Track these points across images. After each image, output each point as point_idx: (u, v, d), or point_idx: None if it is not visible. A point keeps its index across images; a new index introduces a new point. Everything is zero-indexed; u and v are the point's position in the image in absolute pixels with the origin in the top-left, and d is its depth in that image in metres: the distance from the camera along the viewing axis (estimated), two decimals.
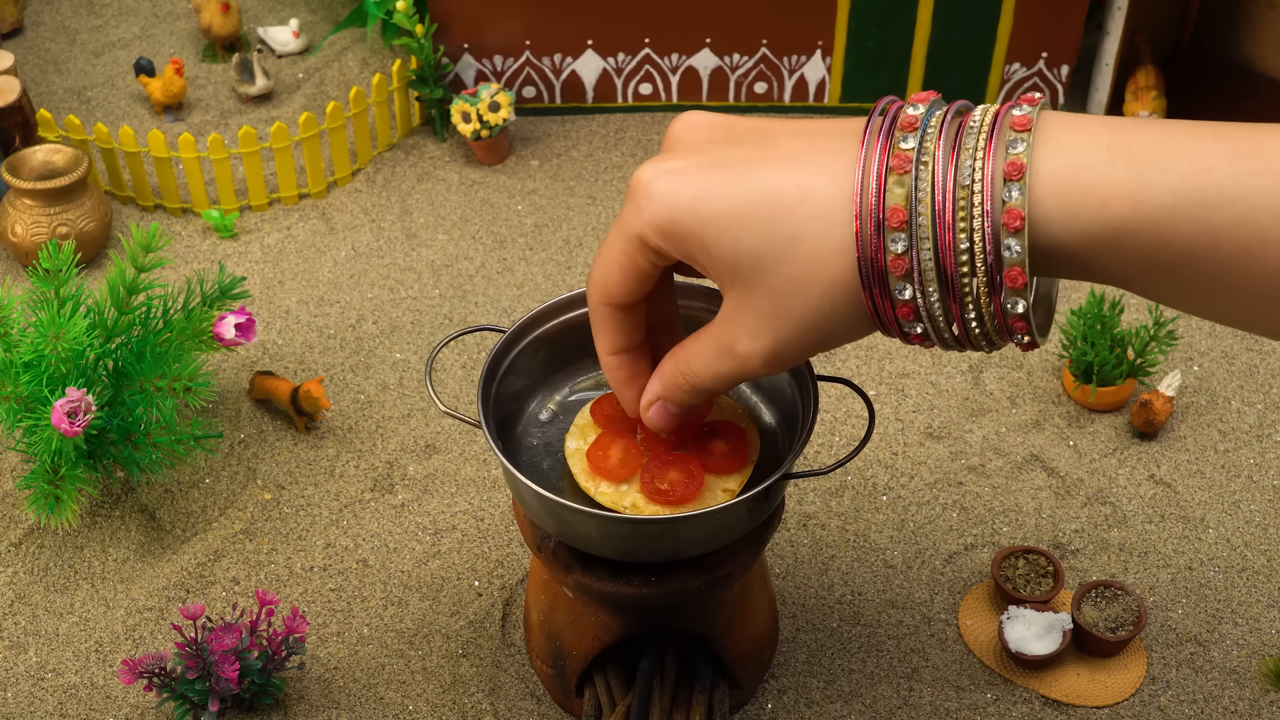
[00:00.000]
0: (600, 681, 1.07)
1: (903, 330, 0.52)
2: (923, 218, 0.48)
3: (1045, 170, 0.47)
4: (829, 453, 1.37)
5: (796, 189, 0.50)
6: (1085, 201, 0.46)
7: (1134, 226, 0.46)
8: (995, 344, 0.52)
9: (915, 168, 0.48)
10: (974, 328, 0.50)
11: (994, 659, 1.16)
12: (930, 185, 0.48)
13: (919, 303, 0.50)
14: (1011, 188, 0.47)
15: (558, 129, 1.89)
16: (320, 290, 1.60)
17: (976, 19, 1.78)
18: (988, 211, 0.47)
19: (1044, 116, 0.48)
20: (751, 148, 0.53)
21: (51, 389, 1.16)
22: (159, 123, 1.90)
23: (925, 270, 0.49)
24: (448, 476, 1.34)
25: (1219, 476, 1.33)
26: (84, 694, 1.14)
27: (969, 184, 0.47)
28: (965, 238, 0.48)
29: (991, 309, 0.49)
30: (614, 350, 0.63)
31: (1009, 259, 0.47)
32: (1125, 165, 0.46)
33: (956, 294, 0.49)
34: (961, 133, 0.49)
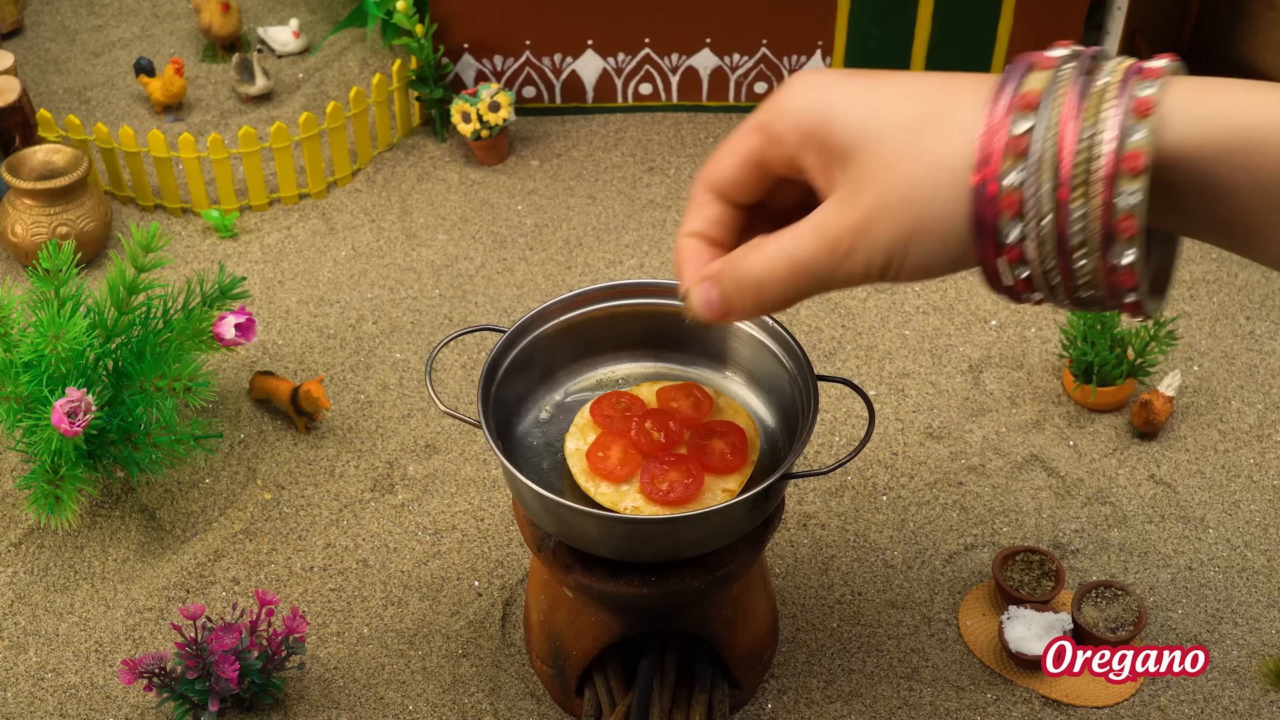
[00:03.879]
0: (600, 681, 1.07)
1: (1011, 272, 0.49)
2: (1047, 151, 0.47)
3: (1179, 90, 0.46)
4: (829, 453, 1.37)
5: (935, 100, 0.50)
6: (1224, 104, 0.46)
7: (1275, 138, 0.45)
8: (1100, 299, 0.49)
9: (1045, 100, 0.47)
10: (1083, 274, 0.48)
11: (994, 659, 1.16)
12: (1057, 121, 0.47)
13: (1029, 244, 0.48)
14: (1138, 128, 0.46)
15: (558, 129, 1.89)
16: (320, 290, 1.60)
17: (976, 19, 1.78)
18: (1111, 149, 0.46)
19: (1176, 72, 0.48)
20: (893, 74, 0.53)
21: (51, 389, 1.16)
22: (159, 123, 1.90)
23: (1041, 202, 0.47)
24: (448, 476, 1.34)
25: (1219, 476, 1.33)
26: (84, 694, 1.14)
27: (1094, 124, 0.46)
28: (1081, 174, 0.46)
29: (1101, 257, 0.47)
30: (691, 232, 0.59)
31: (1123, 206, 0.46)
32: (1262, 90, 0.46)
33: (1066, 240, 0.47)
34: (1096, 75, 0.48)
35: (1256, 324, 1.52)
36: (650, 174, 1.80)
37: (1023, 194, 0.47)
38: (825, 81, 0.53)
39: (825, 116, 0.52)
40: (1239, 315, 1.53)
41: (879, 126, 0.51)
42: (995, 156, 0.48)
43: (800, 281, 0.54)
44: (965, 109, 0.49)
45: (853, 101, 0.52)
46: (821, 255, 0.52)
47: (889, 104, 0.51)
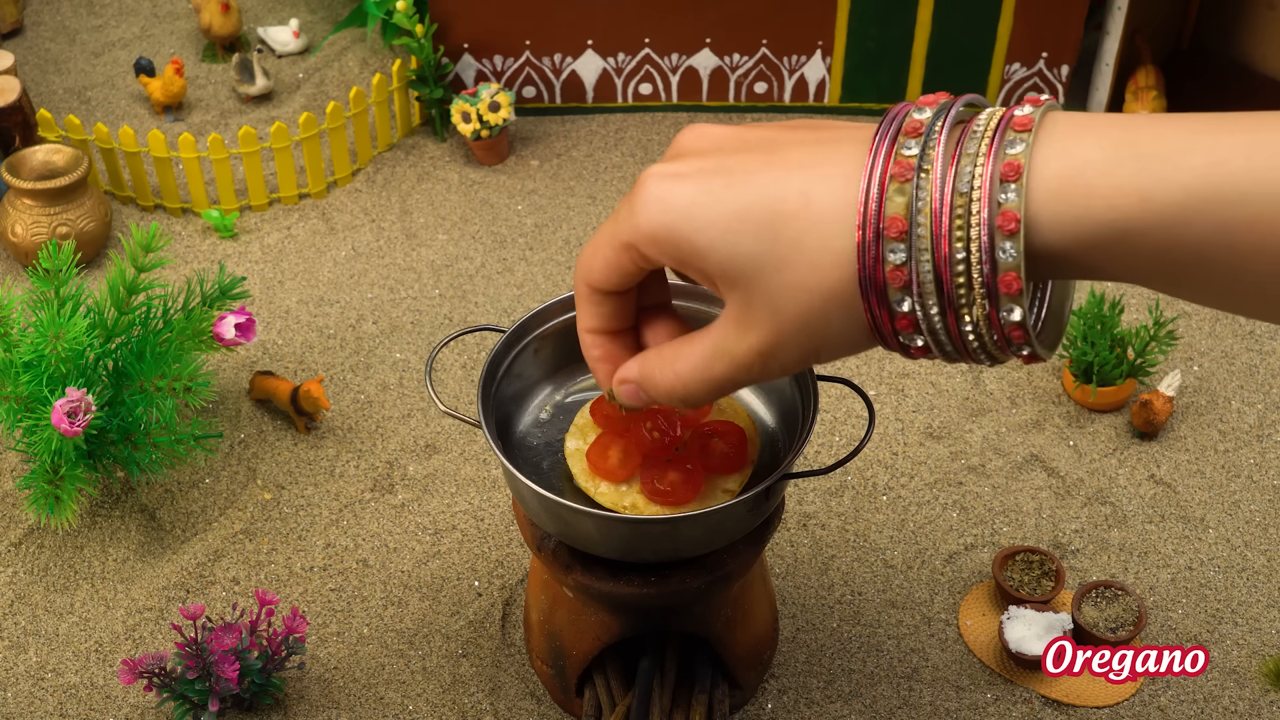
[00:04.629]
0: (600, 681, 1.07)
1: (902, 343, 0.50)
2: (921, 228, 0.47)
3: (1048, 171, 0.45)
4: (829, 453, 1.37)
5: (798, 194, 0.49)
6: (1090, 202, 0.44)
7: (1144, 226, 0.44)
8: (996, 357, 0.50)
9: (916, 175, 0.47)
10: (971, 340, 0.49)
11: (994, 659, 1.16)
12: (929, 192, 0.47)
13: (918, 315, 0.49)
14: (1008, 189, 0.45)
15: (558, 129, 1.89)
16: (320, 290, 1.60)
17: (976, 19, 1.78)
18: (984, 219, 0.46)
19: (1049, 117, 0.47)
20: (757, 155, 0.52)
21: (51, 389, 1.16)
22: (159, 123, 1.90)
23: (924, 282, 0.48)
24: (448, 476, 1.34)
25: (1219, 476, 1.33)
26: (84, 694, 1.14)
27: (967, 190, 0.46)
28: (962, 245, 0.46)
29: (989, 319, 0.47)
30: (591, 329, 0.62)
31: (1004, 263, 0.46)
32: (1134, 162, 0.44)
33: (954, 304, 0.48)
34: (964, 137, 0.47)
35: (1256, 324, 1.52)
36: None
37: (907, 269, 0.48)
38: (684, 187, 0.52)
39: (692, 249, 0.52)
40: (1239, 315, 1.53)
41: (752, 264, 0.51)
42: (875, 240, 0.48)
43: (718, 391, 0.57)
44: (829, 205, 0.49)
45: (717, 233, 0.51)
46: (735, 373, 0.55)
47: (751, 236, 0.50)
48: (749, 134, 0.54)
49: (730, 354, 0.54)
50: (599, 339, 0.62)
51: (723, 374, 0.56)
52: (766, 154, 0.52)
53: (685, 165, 0.53)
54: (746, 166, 0.51)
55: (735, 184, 0.51)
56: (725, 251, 0.51)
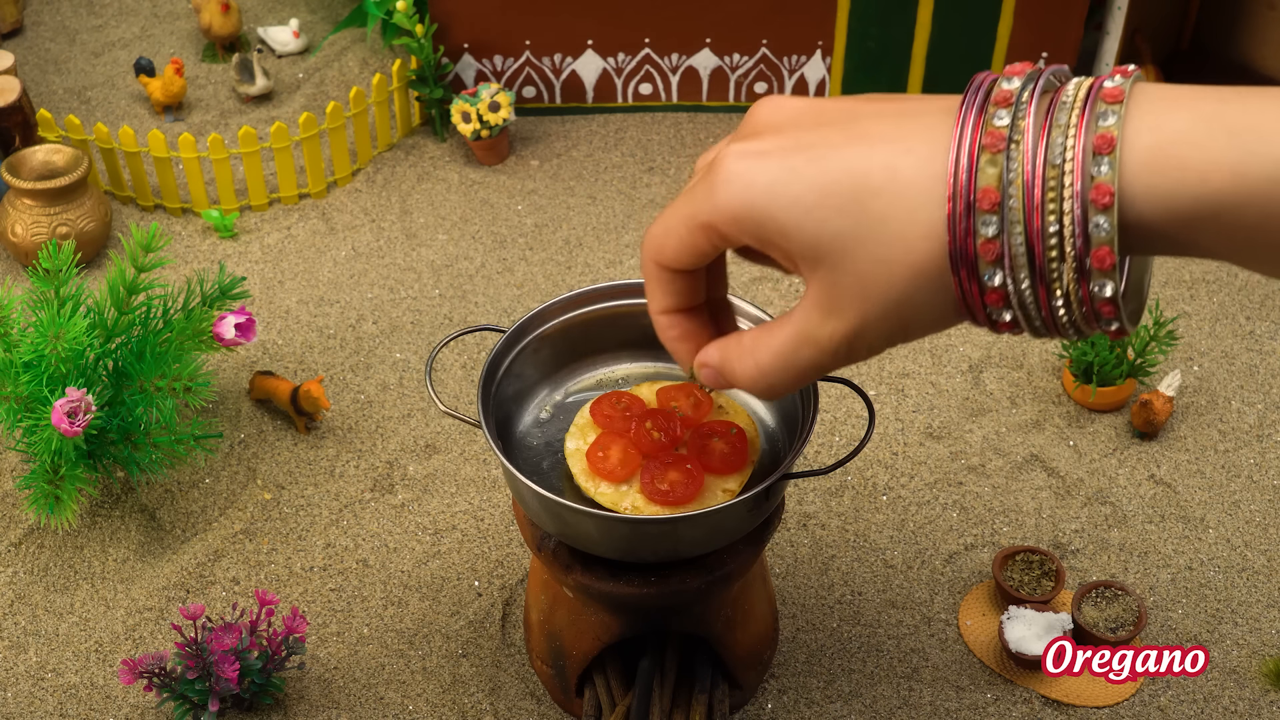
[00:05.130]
0: (600, 681, 1.07)
1: (991, 318, 0.49)
2: (1014, 199, 0.46)
3: (1139, 144, 0.45)
4: (829, 453, 1.37)
5: (883, 169, 0.48)
6: (1183, 176, 0.44)
7: (1237, 201, 0.43)
8: (1084, 331, 0.49)
9: (1008, 146, 0.46)
10: (1062, 314, 0.48)
11: (994, 659, 1.16)
12: (1021, 164, 0.46)
13: (1009, 289, 0.48)
14: (1101, 162, 0.45)
15: (558, 129, 1.89)
16: (320, 290, 1.60)
17: (976, 19, 1.78)
18: (1076, 191, 0.45)
19: (1139, 88, 0.46)
20: (837, 130, 0.51)
21: (51, 389, 1.16)
22: (159, 123, 1.90)
23: (1016, 255, 0.47)
24: (448, 476, 1.34)
25: (1219, 476, 1.33)
26: (84, 694, 1.14)
27: (1060, 162, 0.45)
28: (1055, 219, 0.46)
29: (1080, 293, 0.47)
30: (664, 310, 0.60)
31: (1097, 238, 0.45)
32: (1226, 136, 0.43)
33: (1045, 278, 0.47)
34: (1054, 108, 0.47)
35: (1256, 324, 1.52)
36: (650, 174, 1.80)
37: (999, 241, 0.47)
38: (766, 165, 0.51)
39: (777, 228, 0.51)
40: (1239, 315, 1.53)
41: (837, 242, 0.50)
42: (967, 213, 0.47)
43: (801, 380, 0.56)
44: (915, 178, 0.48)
45: (801, 211, 0.50)
46: (820, 359, 0.54)
47: (836, 212, 0.49)
48: (826, 106, 0.53)
49: (815, 340, 0.53)
50: (674, 319, 0.61)
51: (808, 361, 0.54)
52: (846, 128, 0.51)
53: (765, 143, 0.52)
54: (828, 141, 0.50)
55: (818, 160, 0.50)
56: (811, 230, 0.50)
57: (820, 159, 0.50)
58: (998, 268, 0.47)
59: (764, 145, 0.52)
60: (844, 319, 0.52)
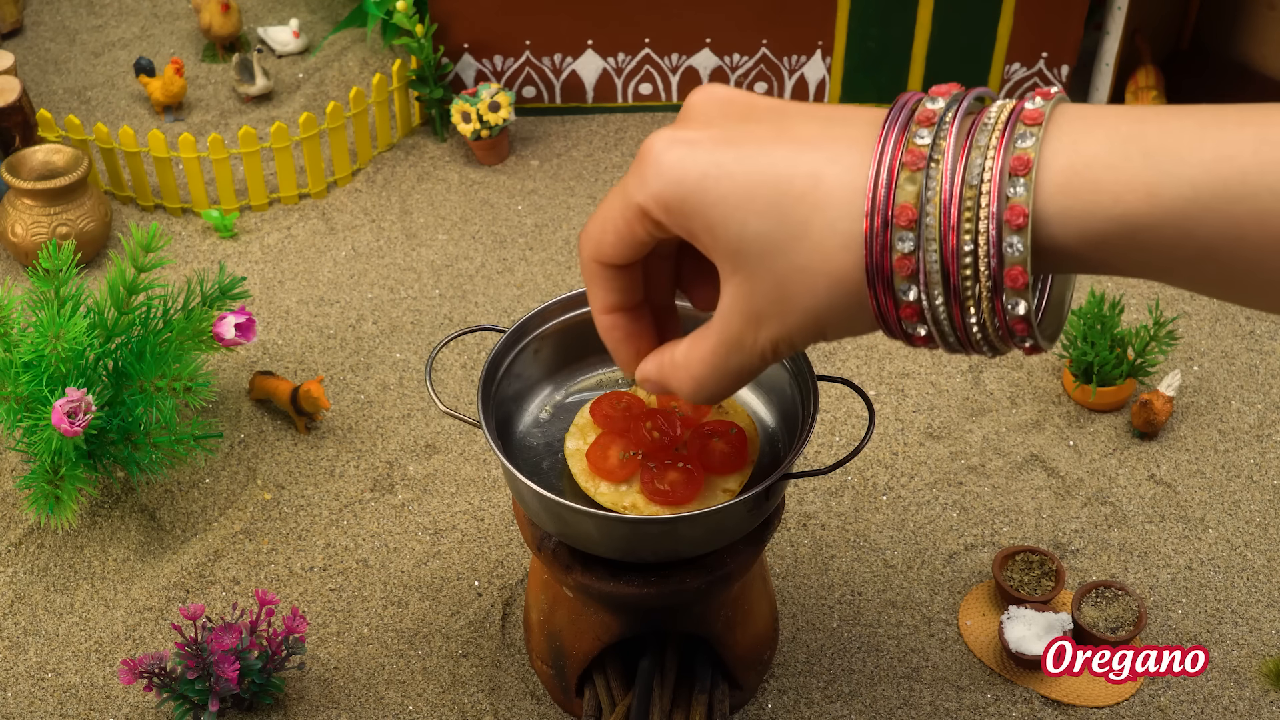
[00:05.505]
0: (600, 681, 1.07)
1: (905, 332, 0.50)
2: (930, 218, 0.47)
3: (1056, 166, 0.45)
4: (829, 453, 1.37)
5: (808, 175, 0.49)
6: (1098, 198, 0.44)
7: (1151, 222, 0.44)
8: (998, 348, 0.50)
9: (928, 165, 0.47)
10: (975, 331, 0.49)
11: (994, 659, 1.16)
12: (939, 183, 0.47)
13: (923, 304, 0.48)
14: (1017, 183, 0.45)
15: (558, 129, 1.89)
16: (320, 290, 1.60)
17: (976, 19, 1.78)
18: (992, 211, 0.46)
19: (1059, 110, 0.47)
20: (768, 127, 0.51)
21: (51, 389, 1.16)
22: (159, 123, 1.90)
23: (931, 272, 0.48)
24: (448, 476, 1.34)
25: (1219, 476, 1.33)
26: (84, 694, 1.14)
27: (977, 183, 0.46)
28: (970, 238, 0.46)
29: (994, 311, 0.48)
30: (607, 309, 0.61)
31: (1010, 257, 0.46)
32: (1142, 158, 0.44)
33: (959, 296, 0.48)
34: (975, 129, 0.47)
35: (1256, 324, 1.52)
36: None
37: (914, 258, 0.48)
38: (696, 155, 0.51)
39: (704, 223, 0.51)
40: (1239, 315, 1.53)
41: (757, 245, 0.50)
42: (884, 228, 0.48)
43: (737, 383, 0.58)
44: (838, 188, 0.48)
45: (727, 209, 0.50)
46: (749, 361, 0.55)
47: (759, 215, 0.50)
48: (757, 101, 0.54)
49: (741, 346, 0.54)
50: (616, 319, 0.61)
51: (738, 366, 0.56)
52: (777, 126, 0.51)
53: (695, 132, 0.52)
54: (756, 137, 0.51)
55: (745, 157, 0.50)
56: (735, 229, 0.50)
57: (747, 157, 0.50)
58: (912, 283, 0.48)
59: (693, 134, 0.52)
60: (766, 325, 0.53)
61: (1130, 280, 1.59)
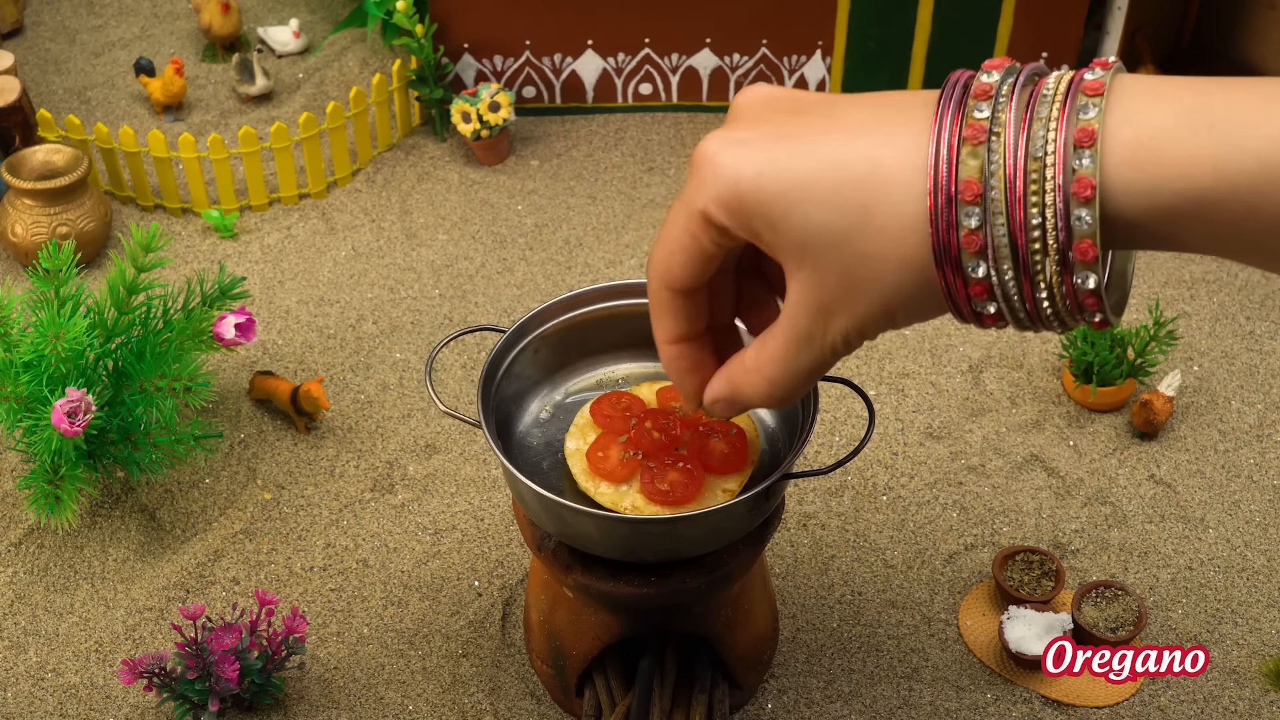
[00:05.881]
0: (600, 681, 1.07)
1: (975, 310, 0.49)
2: (995, 191, 0.46)
3: (1120, 138, 0.44)
4: (829, 453, 1.37)
5: (865, 160, 0.48)
6: (1164, 171, 0.44)
7: (1217, 196, 0.43)
8: (1068, 323, 0.49)
9: (988, 138, 0.46)
10: (1045, 306, 0.48)
11: (994, 659, 1.16)
12: (1002, 156, 0.46)
13: (993, 280, 0.48)
14: (1082, 155, 0.44)
15: (558, 129, 1.89)
16: (320, 290, 1.60)
17: (976, 19, 1.78)
18: (1058, 184, 0.45)
19: (1119, 80, 0.46)
20: (818, 118, 0.51)
21: (51, 389, 1.16)
22: (159, 123, 1.90)
23: (999, 247, 0.47)
24: (448, 476, 1.34)
25: (1219, 476, 1.33)
26: (84, 694, 1.14)
27: (1041, 155, 0.45)
28: (1037, 211, 0.45)
29: (1063, 286, 0.47)
30: (674, 339, 0.59)
31: (1079, 230, 0.45)
32: (1207, 131, 0.43)
33: (1028, 270, 0.47)
34: (1035, 100, 0.46)
35: (1256, 324, 1.52)
36: (650, 174, 1.80)
37: (982, 233, 0.47)
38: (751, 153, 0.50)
39: (765, 221, 0.50)
40: (1239, 315, 1.53)
41: (820, 236, 0.49)
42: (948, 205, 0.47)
43: (810, 380, 0.56)
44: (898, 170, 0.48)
45: (787, 205, 0.49)
46: (822, 356, 0.54)
47: (819, 205, 0.49)
48: (804, 96, 0.53)
49: (812, 340, 0.53)
50: (682, 349, 0.60)
51: (811, 362, 0.54)
52: (826, 117, 0.50)
53: (746, 131, 0.51)
54: (808, 130, 0.50)
55: (798, 150, 0.50)
56: (797, 223, 0.49)
57: (801, 149, 0.50)
58: (981, 259, 0.47)
59: (745, 134, 0.51)
60: (836, 317, 0.52)
61: (1129, 293, 1.58)
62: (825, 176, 0.49)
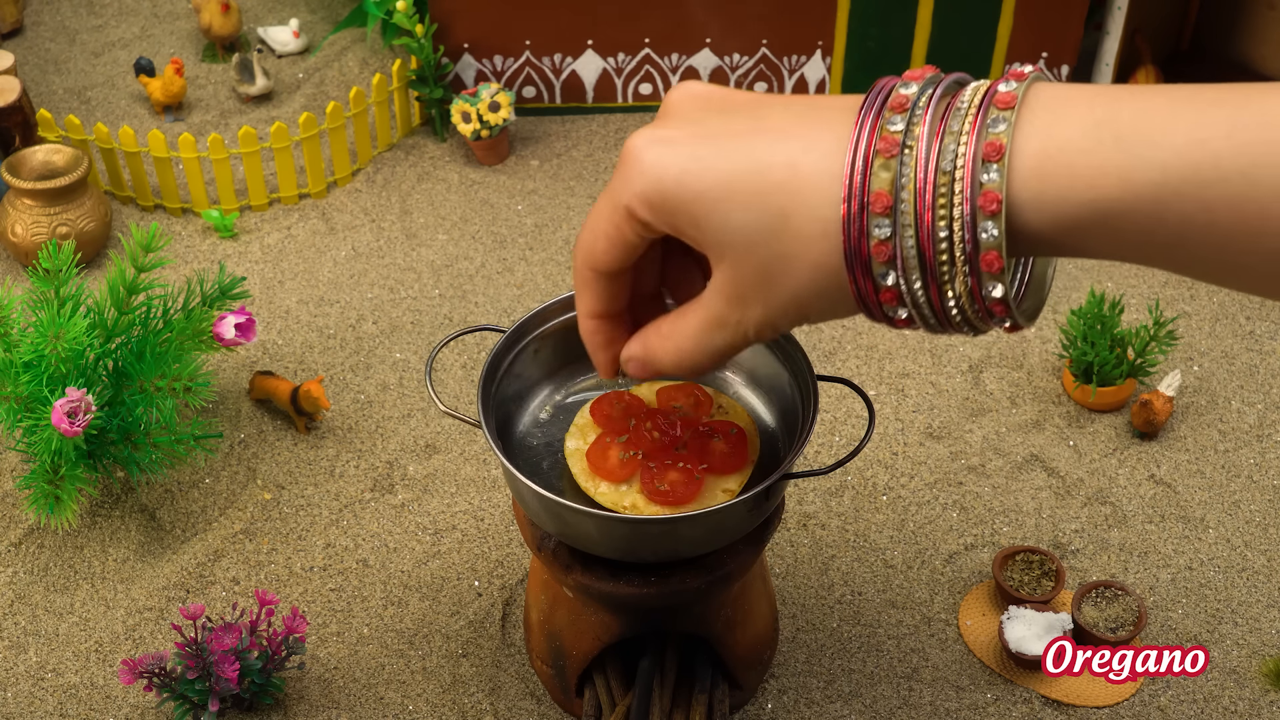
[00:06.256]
0: (600, 681, 1.07)
1: (886, 315, 0.51)
2: (905, 204, 0.47)
3: (1028, 151, 0.45)
4: (829, 453, 1.37)
5: (785, 164, 0.49)
6: (1071, 183, 0.44)
7: (1124, 208, 0.44)
8: (979, 328, 0.51)
9: (901, 151, 0.47)
10: (954, 313, 0.49)
11: (994, 659, 1.16)
12: (913, 170, 0.47)
13: (902, 288, 0.49)
14: (990, 169, 0.45)
15: (558, 129, 1.89)
16: (320, 290, 1.60)
17: (976, 19, 1.78)
18: (966, 197, 0.46)
19: (1033, 91, 0.47)
20: (745, 119, 0.52)
21: (51, 389, 1.16)
22: (159, 123, 1.90)
23: (908, 257, 0.48)
24: (448, 476, 1.34)
25: (1219, 476, 1.33)
26: (84, 694, 1.14)
27: (950, 169, 0.46)
28: (945, 225, 0.47)
29: (971, 294, 0.48)
30: (594, 314, 0.62)
31: (986, 243, 0.46)
32: (1114, 142, 0.44)
33: (937, 280, 0.48)
34: (949, 114, 0.47)
35: (1256, 324, 1.52)
36: None
37: (891, 244, 0.48)
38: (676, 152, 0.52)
39: (688, 218, 0.52)
40: (1239, 315, 1.53)
41: (740, 235, 0.51)
42: (860, 213, 0.48)
43: (719, 359, 0.59)
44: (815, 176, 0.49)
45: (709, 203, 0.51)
46: (734, 340, 0.56)
47: (740, 206, 0.50)
48: (734, 95, 0.54)
49: (726, 324, 0.55)
50: (600, 324, 0.63)
51: (723, 343, 0.57)
52: (753, 118, 0.52)
53: (673, 129, 0.53)
54: (734, 130, 0.52)
55: (723, 151, 0.51)
56: (718, 222, 0.51)
57: (725, 150, 0.51)
58: (890, 268, 0.49)
59: (672, 132, 0.53)
60: (750, 308, 0.54)
61: (1130, 280, 1.59)
62: (746, 179, 0.50)
